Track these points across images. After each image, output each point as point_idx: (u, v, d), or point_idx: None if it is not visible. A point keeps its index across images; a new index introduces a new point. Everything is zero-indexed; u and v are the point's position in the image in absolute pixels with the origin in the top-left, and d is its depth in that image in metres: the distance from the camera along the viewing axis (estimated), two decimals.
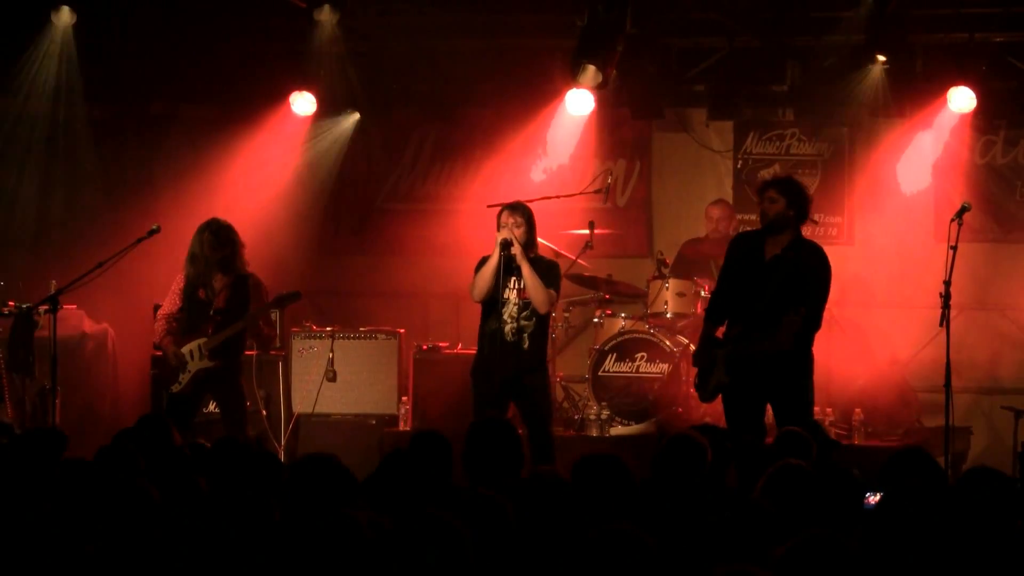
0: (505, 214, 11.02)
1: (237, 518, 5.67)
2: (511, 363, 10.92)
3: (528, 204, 11.26)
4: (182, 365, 11.18)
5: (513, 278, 11.00)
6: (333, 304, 14.59)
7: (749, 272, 10.42)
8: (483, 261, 11.09)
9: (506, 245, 10.91)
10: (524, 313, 10.98)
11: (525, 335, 10.98)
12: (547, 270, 11.06)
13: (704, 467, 6.99)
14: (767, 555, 4.92)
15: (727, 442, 7.47)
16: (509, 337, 10.99)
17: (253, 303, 11.27)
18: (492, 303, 11.05)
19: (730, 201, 14.27)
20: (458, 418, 12.24)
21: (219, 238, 11.21)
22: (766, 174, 14.51)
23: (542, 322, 11.08)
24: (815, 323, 10.27)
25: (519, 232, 10.94)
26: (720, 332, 10.59)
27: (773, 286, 10.18)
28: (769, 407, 10.57)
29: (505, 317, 11.00)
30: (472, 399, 11.18)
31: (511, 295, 11.00)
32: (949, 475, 11.64)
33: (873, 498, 6.42)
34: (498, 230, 11.02)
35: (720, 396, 10.61)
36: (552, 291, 11.01)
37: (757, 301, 10.23)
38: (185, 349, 11.24)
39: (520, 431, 11.00)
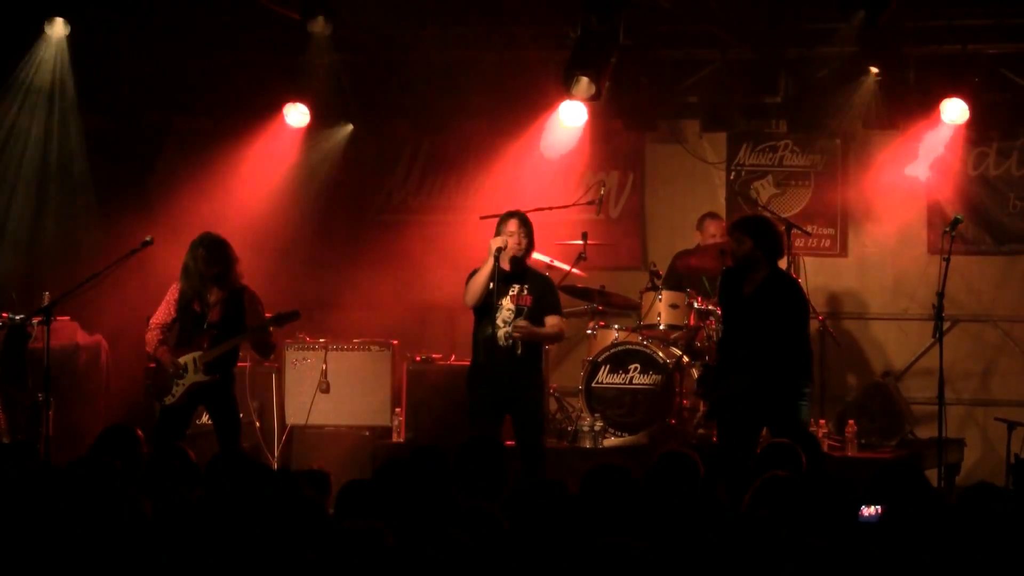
0: (513, 222, 11.08)
1: (221, 530, 5.67)
2: (506, 369, 10.96)
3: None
4: (180, 375, 11.12)
5: (510, 285, 11.04)
6: (327, 316, 14.57)
7: (733, 308, 10.65)
8: (495, 251, 11.11)
9: (500, 252, 10.98)
10: (516, 319, 11.02)
11: (519, 341, 11.03)
12: (544, 288, 11.13)
13: (697, 482, 6.99)
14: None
15: (718, 459, 7.48)
16: (502, 342, 11.02)
17: (249, 317, 11.23)
18: (486, 309, 11.07)
19: (723, 213, 14.27)
20: (452, 429, 12.27)
21: (212, 254, 11.16)
22: (759, 186, 14.53)
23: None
24: (799, 354, 10.37)
25: (525, 242, 11.03)
26: None
27: (746, 325, 10.41)
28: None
29: (498, 322, 11.03)
30: (468, 408, 11.20)
31: (505, 301, 11.03)
32: (943, 487, 11.68)
33: (868, 510, 6.42)
34: (497, 235, 11.07)
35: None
36: (557, 316, 11.11)
37: (736, 339, 10.49)
38: (181, 361, 11.21)
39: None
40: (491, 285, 10.98)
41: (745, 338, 10.36)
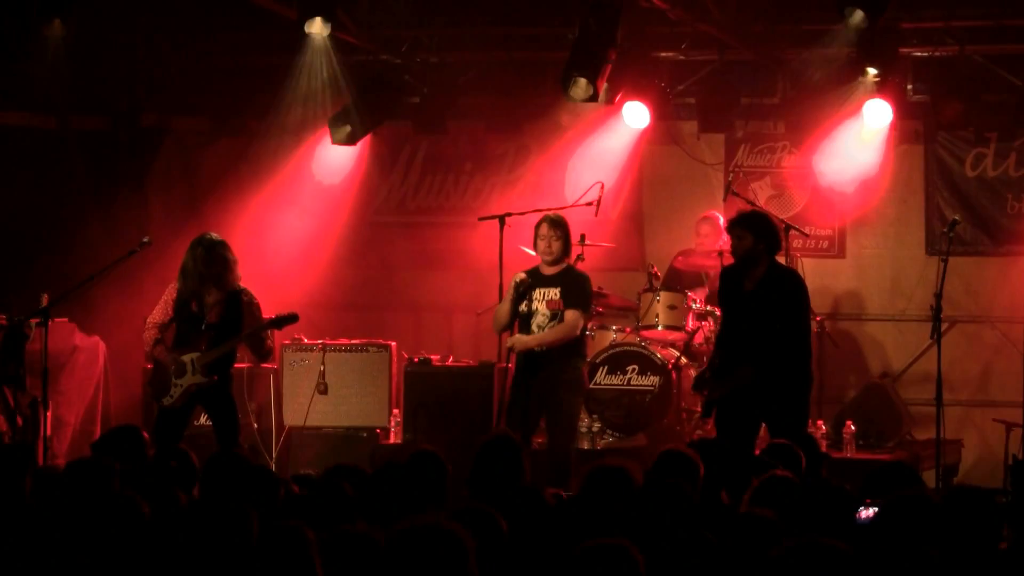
0: (543, 226, 11.13)
1: (215, 532, 5.68)
2: (545, 372, 11.02)
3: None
4: (180, 372, 11.07)
5: (546, 290, 11.07)
6: (324, 317, 14.58)
7: (732, 306, 10.64)
8: (515, 286, 11.13)
9: (519, 285, 11.02)
10: (551, 323, 11.05)
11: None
12: (575, 284, 11.13)
13: (697, 482, 6.99)
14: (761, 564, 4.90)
15: (722, 459, 7.46)
16: (537, 348, 11.05)
17: (246, 319, 11.19)
18: (523, 315, 11.11)
19: (720, 214, 14.26)
20: (449, 431, 12.28)
21: (212, 254, 11.13)
22: (757, 187, 14.53)
23: None
24: (798, 348, 10.34)
25: (557, 245, 11.05)
26: None
27: (747, 320, 10.38)
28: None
29: (533, 327, 11.08)
30: (506, 410, 11.22)
31: (541, 306, 11.06)
32: (940, 488, 11.68)
33: (865, 512, 6.42)
34: (535, 241, 11.10)
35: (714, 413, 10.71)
36: (577, 311, 11.07)
37: (738, 334, 10.47)
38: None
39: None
40: (524, 307, 11.04)
41: (747, 333, 10.35)
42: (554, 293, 11.10)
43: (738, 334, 10.46)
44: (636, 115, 14.03)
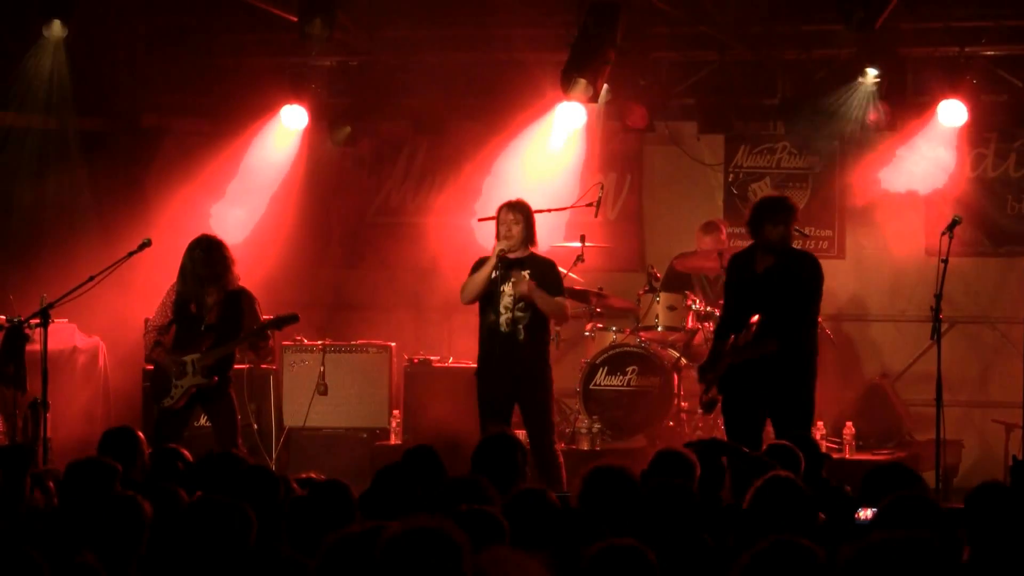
0: (503, 211, 11.12)
1: (214, 531, 5.68)
2: (510, 357, 11.01)
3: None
4: (180, 374, 11.08)
5: (511, 271, 11.06)
6: (324, 318, 14.58)
7: (745, 287, 10.64)
8: (480, 263, 11.15)
9: (503, 253, 11.01)
10: (519, 305, 11.06)
11: (520, 326, 11.07)
12: (548, 272, 11.14)
13: (693, 482, 6.99)
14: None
15: (722, 457, 7.46)
16: (504, 328, 11.08)
17: (246, 319, 11.20)
18: (488, 297, 11.12)
19: (720, 216, 14.28)
20: (449, 431, 12.27)
21: (210, 255, 11.15)
22: (757, 188, 14.53)
23: (538, 314, 11.13)
24: (808, 325, 10.38)
25: (517, 229, 11.02)
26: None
27: (766, 297, 10.38)
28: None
29: (500, 308, 11.08)
30: (478, 399, 11.21)
31: (507, 288, 11.07)
32: (940, 489, 11.68)
33: (864, 513, 6.42)
34: (496, 228, 11.10)
35: (719, 407, 10.71)
36: (560, 299, 11.11)
37: (754, 313, 10.42)
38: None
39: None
40: (493, 274, 11.02)
41: (760, 313, 10.36)
42: (523, 275, 11.10)
43: (746, 318, 10.45)
44: (635, 116, 14.02)
